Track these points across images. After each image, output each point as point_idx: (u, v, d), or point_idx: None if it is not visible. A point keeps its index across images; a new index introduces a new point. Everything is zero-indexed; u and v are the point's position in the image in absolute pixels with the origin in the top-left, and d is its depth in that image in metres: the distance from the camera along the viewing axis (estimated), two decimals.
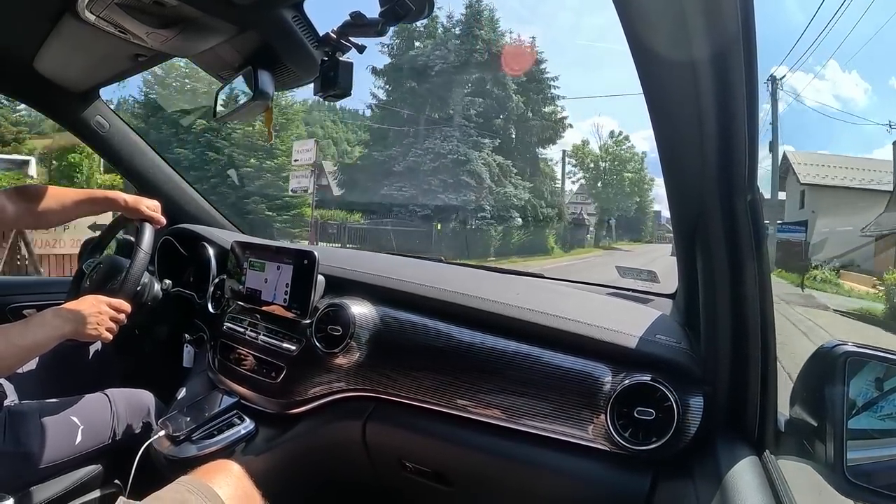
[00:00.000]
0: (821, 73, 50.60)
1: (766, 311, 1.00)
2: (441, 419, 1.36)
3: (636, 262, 14.24)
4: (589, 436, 1.18)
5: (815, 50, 27.44)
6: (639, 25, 0.83)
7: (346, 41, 1.29)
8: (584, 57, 78.32)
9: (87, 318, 1.47)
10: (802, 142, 62.05)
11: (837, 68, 58.72)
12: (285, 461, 1.55)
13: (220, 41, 1.35)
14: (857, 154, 41.87)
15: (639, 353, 1.18)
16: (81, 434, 1.56)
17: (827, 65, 51.03)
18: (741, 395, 1.04)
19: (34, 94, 2.07)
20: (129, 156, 2.25)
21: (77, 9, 1.33)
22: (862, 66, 63.96)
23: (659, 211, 56.74)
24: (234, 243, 1.85)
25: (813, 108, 62.12)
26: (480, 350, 1.34)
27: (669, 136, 0.99)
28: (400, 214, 24.10)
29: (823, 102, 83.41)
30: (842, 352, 0.96)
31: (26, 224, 1.76)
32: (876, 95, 60.75)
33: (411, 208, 24.14)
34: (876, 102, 60.51)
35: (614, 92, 72.18)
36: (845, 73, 63.59)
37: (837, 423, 0.93)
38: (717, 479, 0.92)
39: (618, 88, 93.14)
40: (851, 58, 50.95)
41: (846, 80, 65.78)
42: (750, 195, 0.96)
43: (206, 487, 1.15)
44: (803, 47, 21.57)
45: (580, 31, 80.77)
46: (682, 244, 1.15)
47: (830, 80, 61.69)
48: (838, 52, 38.50)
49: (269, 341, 1.65)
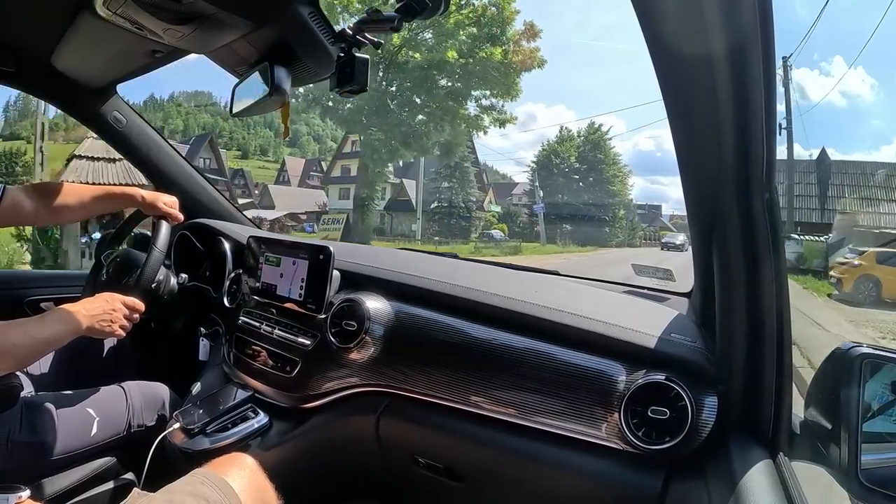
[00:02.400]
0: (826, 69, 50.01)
1: (783, 311, 0.99)
2: (454, 415, 1.36)
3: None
4: (602, 434, 1.18)
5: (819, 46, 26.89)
6: (655, 20, 0.83)
7: (362, 37, 1.29)
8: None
9: (102, 316, 1.50)
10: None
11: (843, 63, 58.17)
12: (299, 455, 1.56)
13: (237, 37, 1.35)
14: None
15: (653, 351, 1.18)
16: (97, 426, 1.58)
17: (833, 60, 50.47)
18: (756, 396, 1.03)
19: (52, 90, 2.10)
20: (146, 151, 2.27)
21: (94, 5, 1.33)
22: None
23: (659, 206, 56.15)
24: (251, 238, 1.86)
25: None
26: (494, 346, 1.34)
27: (686, 133, 0.98)
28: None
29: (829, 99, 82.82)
30: (858, 354, 0.95)
31: (44, 220, 1.78)
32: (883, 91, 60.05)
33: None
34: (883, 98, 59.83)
35: (614, 89, 71.71)
36: (851, 68, 63.01)
37: (852, 426, 0.92)
38: (730, 481, 0.92)
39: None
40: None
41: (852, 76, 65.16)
42: (767, 193, 0.95)
43: (219, 480, 1.16)
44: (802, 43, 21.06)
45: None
46: (699, 243, 1.14)
47: (835, 77, 61.17)
48: (844, 48, 38.03)
49: (284, 336, 1.66)
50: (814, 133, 54.97)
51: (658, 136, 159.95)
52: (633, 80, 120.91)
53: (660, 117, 31.21)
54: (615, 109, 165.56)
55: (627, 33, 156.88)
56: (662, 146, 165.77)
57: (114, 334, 1.54)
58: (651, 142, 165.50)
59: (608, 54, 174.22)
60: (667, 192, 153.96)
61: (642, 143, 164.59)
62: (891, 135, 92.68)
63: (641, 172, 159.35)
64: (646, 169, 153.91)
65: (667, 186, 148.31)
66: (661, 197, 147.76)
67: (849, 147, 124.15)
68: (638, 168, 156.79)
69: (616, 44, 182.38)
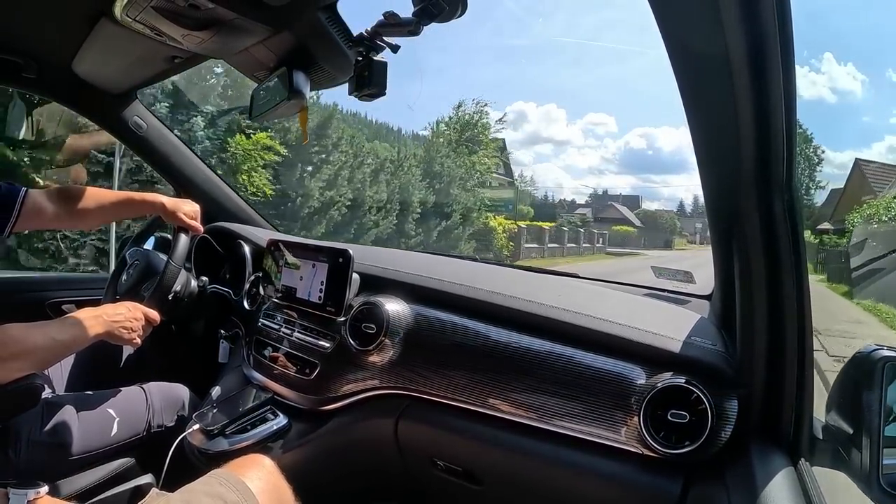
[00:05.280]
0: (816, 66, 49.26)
1: (804, 314, 0.98)
2: (473, 418, 1.36)
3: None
4: (621, 438, 1.17)
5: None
6: (673, 21, 0.82)
7: (380, 41, 1.29)
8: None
9: (123, 323, 1.53)
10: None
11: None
12: (317, 457, 1.56)
13: (255, 42, 1.36)
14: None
15: (674, 355, 1.17)
16: (117, 426, 1.60)
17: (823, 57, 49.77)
18: (776, 400, 1.02)
19: (73, 96, 2.12)
20: (167, 155, 2.28)
21: (114, 12, 1.35)
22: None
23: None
24: (270, 241, 1.87)
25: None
26: (514, 350, 1.34)
27: (705, 134, 0.97)
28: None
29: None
30: (879, 357, 0.93)
31: (65, 224, 1.81)
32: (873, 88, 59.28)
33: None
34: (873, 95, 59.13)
35: (605, 87, 71.39)
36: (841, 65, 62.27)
37: (874, 430, 0.91)
38: (751, 487, 0.91)
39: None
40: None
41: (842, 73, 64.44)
42: (787, 195, 0.94)
43: (237, 481, 1.17)
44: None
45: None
46: (719, 245, 1.13)
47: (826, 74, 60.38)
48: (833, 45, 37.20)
49: (304, 338, 1.67)
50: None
51: (649, 134, 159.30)
52: (624, 79, 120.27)
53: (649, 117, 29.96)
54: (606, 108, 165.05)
55: (618, 32, 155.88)
56: (654, 144, 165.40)
57: (131, 342, 1.56)
58: (642, 140, 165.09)
59: (599, 53, 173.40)
60: (659, 190, 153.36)
61: (634, 142, 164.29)
62: (881, 131, 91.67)
63: (633, 171, 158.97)
64: (637, 167, 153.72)
65: (658, 185, 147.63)
66: (654, 195, 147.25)
67: (839, 144, 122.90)
68: (630, 166, 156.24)
69: (607, 43, 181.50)
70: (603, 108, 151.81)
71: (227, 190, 2.48)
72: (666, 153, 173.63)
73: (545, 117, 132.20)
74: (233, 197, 2.49)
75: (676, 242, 60.75)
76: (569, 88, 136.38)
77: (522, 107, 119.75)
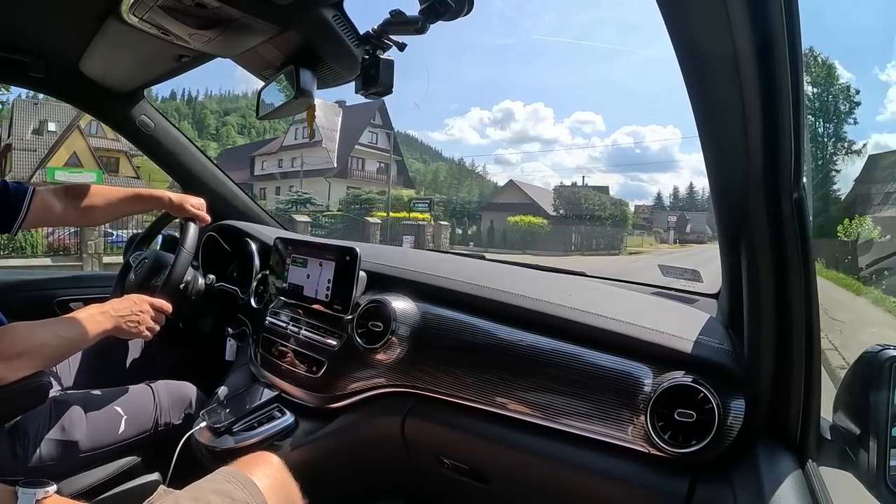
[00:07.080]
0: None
1: (812, 313, 0.98)
2: (480, 416, 1.36)
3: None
4: (628, 437, 1.17)
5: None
6: (682, 20, 0.82)
7: (386, 39, 1.29)
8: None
9: (130, 317, 1.52)
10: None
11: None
12: (324, 454, 1.57)
13: (262, 41, 1.36)
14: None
15: (681, 353, 1.16)
16: (125, 424, 1.60)
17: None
18: (784, 399, 1.02)
19: (81, 96, 2.13)
20: (175, 154, 2.30)
21: (121, 12, 1.36)
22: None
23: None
24: (277, 239, 1.87)
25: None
26: (521, 348, 1.34)
27: (713, 134, 0.97)
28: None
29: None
30: (887, 357, 0.93)
31: (73, 221, 1.81)
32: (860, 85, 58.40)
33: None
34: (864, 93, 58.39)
35: (592, 86, 71.11)
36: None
37: (881, 430, 0.90)
38: (757, 487, 0.91)
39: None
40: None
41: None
42: (796, 194, 0.94)
43: (245, 478, 1.17)
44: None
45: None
46: (727, 244, 1.13)
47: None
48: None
49: (311, 336, 1.67)
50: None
51: (636, 132, 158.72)
52: (612, 78, 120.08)
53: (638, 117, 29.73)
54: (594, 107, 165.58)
55: (606, 32, 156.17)
56: (641, 142, 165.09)
57: (141, 335, 1.56)
58: (629, 138, 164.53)
59: (588, 52, 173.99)
60: (647, 188, 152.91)
61: (621, 140, 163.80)
62: (868, 130, 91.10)
63: (620, 169, 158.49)
64: (625, 165, 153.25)
65: (646, 183, 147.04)
66: (642, 194, 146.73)
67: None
68: (617, 165, 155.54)
69: (596, 42, 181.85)
70: (590, 107, 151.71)
71: (234, 188, 2.49)
72: (653, 151, 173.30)
73: (532, 115, 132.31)
74: (239, 195, 2.50)
75: (633, 242, 47.89)
76: (556, 87, 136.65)
77: (510, 105, 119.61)
